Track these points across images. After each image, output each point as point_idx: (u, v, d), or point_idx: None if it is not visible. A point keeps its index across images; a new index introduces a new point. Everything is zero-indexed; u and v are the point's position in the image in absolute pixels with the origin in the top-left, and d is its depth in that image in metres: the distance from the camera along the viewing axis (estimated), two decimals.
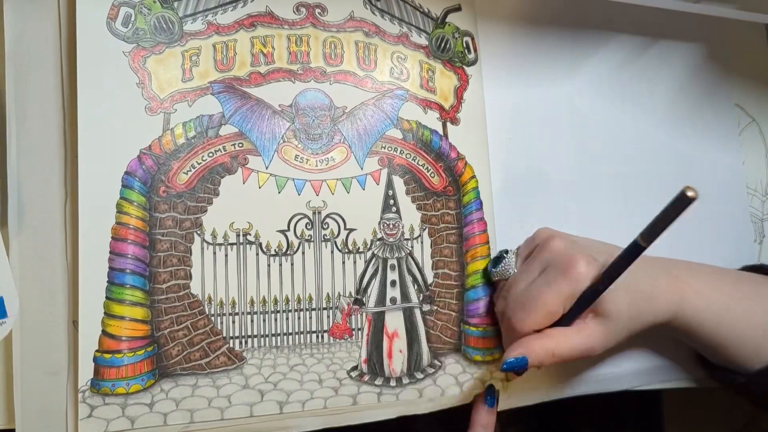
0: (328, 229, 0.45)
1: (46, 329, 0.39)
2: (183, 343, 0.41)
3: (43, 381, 0.38)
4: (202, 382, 0.41)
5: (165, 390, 0.40)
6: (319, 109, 0.45)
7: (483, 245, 0.49)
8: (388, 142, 0.47)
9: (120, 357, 0.39)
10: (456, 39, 0.50)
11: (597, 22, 0.57)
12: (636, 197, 0.56)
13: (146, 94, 0.41)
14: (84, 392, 0.38)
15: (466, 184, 0.49)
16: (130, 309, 0.39)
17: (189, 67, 0.43)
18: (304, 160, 0.45)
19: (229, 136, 0.43)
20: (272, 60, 0.45)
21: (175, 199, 0.41)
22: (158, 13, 0.42)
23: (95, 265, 0.39)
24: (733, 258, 0.58)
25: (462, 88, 0.50)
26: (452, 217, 0.49)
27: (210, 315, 0.42)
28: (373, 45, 0.47)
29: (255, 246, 0.43)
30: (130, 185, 0.40)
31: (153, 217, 0.41)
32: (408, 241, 0.47)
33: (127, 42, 0.41)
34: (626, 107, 0.57)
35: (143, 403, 0.39)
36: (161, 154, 0.41)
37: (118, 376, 0.39)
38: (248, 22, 0.44)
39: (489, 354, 0.48)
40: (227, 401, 0.41)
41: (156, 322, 0.40)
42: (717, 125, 0.61)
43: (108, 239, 0.39)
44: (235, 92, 0.43)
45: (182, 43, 0.43)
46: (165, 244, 0.41)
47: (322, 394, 0.43)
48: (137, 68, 0.41)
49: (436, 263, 0.48)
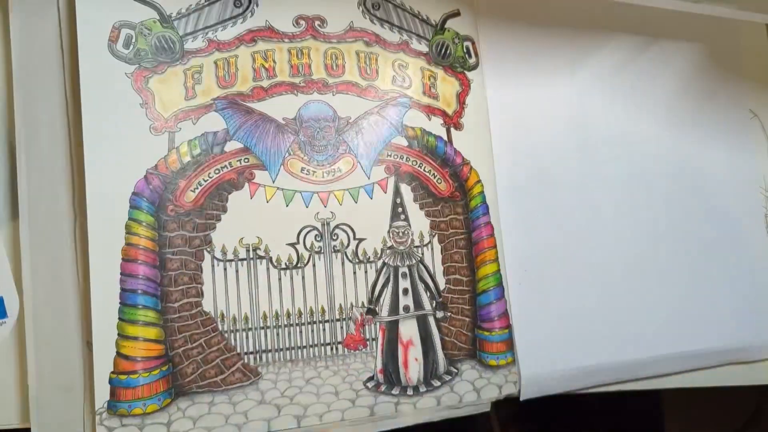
0: (337, 240, 0.45)
1: (60, 347, 0.39)
2: (197, 360, 0.41)
3: (57, 395, 0.38)
4: (218, 399, 0.41)
5: (182, 409, 0.40)
6: (323, 120, 0.46)
7: (491, 249, 0.49)
8: (393, 149, 0.47)
9: (135, 378, 0.39)
10: (456, 44, 0.50)
11: (597, 22, 0.57)
12: (640, 196, 0.56)
13: (150, 114, 0.41)
14: (101, 414, 0.38)
15: (473, 188, 0.49)
16: (144, 329, 0.39)
17: (191, 86, 0.43)
18: (310, 172, 0.45)
19: (235, 152, 0.43)
20: (274, 74, 0.45)
21: (183, 217, 0.41)
22: (159, 33, 0.42)
23: (107, 287, 0.39)
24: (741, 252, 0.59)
25: (464, 93, 0.50)
26: (461, 223, 0.48)
27: (223, 331, 0.41)
28: (374, 54, 0.48)
29: (265, 260, 0.43)
30: (138, 206, 0.40)
31: (162, 236, 0.41)
32: (418, 248, 0.47)
33: (129, 63, 0.41)
34: (627, 107, 0.57)
35: (161, 422, 0.39)
36: (168, 173, 0.41)
37: (135, 397, 0.38)
38: (248, 38, 0.44)
39: (503, 358, 0.48)
40: (244, 417, 0.41)
41: (170, 341, 0.40)
42: (717, 123, 0.61)
43: (119, 261, 0.39)
44: (239, 108, 0.44)
45: (184, 61, 0.43)
46: (175, 263, 0.41)
47: (339, 406, 0.43)
48: (140, 89, 0.41)
49: (447, 269, 0.48)
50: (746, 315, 0.58)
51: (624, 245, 0.55)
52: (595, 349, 0.52)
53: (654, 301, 0.55)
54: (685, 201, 0.58)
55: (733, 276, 0.59)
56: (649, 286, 0.55)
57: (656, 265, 0.56)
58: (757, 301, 0.59)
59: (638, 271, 0.55)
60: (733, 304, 0.58)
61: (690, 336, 0.56)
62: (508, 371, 0.48)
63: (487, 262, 0.49)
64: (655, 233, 0.56)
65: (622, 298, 0.54)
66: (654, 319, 0.55)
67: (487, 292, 0.48)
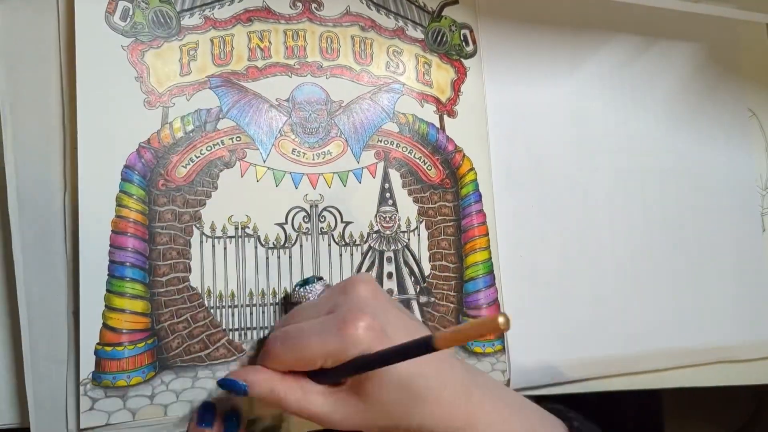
0: (325, 222, 0.45)
1: (52, 319, 0.39)
2: (183, 335, 0.41)
3: (51, 368, 0.39)
4: (202, 373, 0.41)
5: (165, 382, 0.40)
6: (316, 103, 0.46)
7: (482, 237, 0.49)
8: (384, 135, 0.47)
9: (121, 350, 0.39)
10: (453, 32, 0.50)
11: (599, 19, 0.57)
12: (636, 192, 0.56)
13: (145, 88, 0.42)
14: (86, 385, 0.38)
15: (465, 176, 0.49)
16: (131, 302, 0.40)
17: (187, 62, 0.43)
18: (301, 154, 0.45)
19: (227, 130, 0.43)
20: (269, 54, 0.45)
21: (174, 192, 0.42)
22: (156, 7, 0.42)
23: (95, 258, 0.39)
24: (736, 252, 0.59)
25: (459, 80, 0.50)
26: (450, 210, 0.49)
27: (209, 307, 0.42)
28: (369, 39, 0.48)
29: (253, 239, 0.43)
30: (130, 179, 0.40)
31: (152, 210, 0.41)
32: (404, 233, 0.47)
33: (126, 36, 0.41)
34: (626, 103, 0.57)
35: (144, 395, 0.40)
36: (160, 148, 0.42)
37: (119, 369, 0.39)
38: (245, 17, 0.45)
39: (490, 346, 0.48)
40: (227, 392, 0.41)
41: (156, 314, 0.41)
42: (716, 121, 0.61)
43: (108, 232, 0.40)
44: (233, 86, 0.44)
45: (180, 37, 0.43)
46: (164, 238, 0.41)
47: None
48: (135, 62, 0.41)
49: (434, 255, 0.48)
50: (741, 313, 0.59)
51: (619, 240, 0.55)
52: (586, 341, 0.52)
53: (647, 296, 0.55)
54: (682, 198, 0.58)
55: (727, 273, 0.59)
56: (642, 281, 0.55)
57: (651, 260, 0.56)
58: (752, 299, 0.60)
59: (632, 265, 0.55)
60: (727, 302, 0.58)
61: (683, 332, 0.56)
62: (496, 359, 0.48)
63: (477, 250, 0.49)
64: (651, 229, 0.56)
65: (615, 292, 0.54)
66: (647, 314, 0.55)
67: (475, 279, 0.49)
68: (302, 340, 0.36)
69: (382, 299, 0.38)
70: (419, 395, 0.35)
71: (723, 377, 0.57)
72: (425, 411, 0.36)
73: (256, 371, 0.37)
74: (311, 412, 0.36)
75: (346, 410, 0.36)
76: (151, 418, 0.40)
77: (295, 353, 0.36)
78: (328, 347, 0.35)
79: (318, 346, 0.35)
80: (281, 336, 0.37)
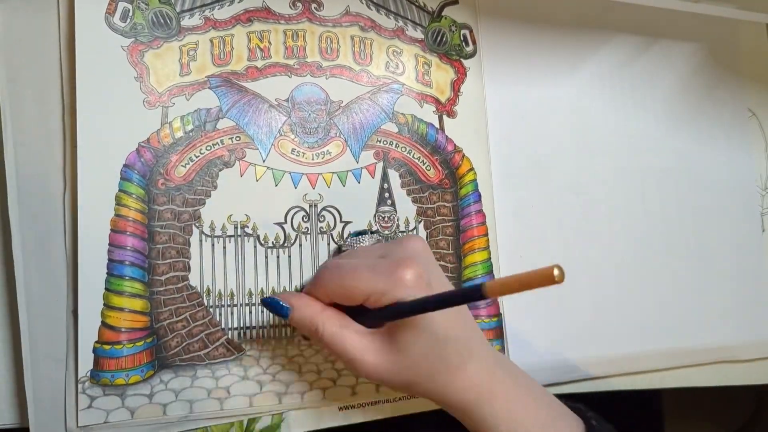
0: (324, 221, 0.45)
1: (51, 317, 0.39)
2: (182, 334, 0.41)
3: (51, 367, 0.39)
4: (201, 373, 0.41)
5: (164, 381, 0.40)
6: (315, 103, 0.46)
7: (481, 237, 0.49)
8: (383, 135, 0.47)
9: (119, 348, 0.39)
10: (453, 32, 0.51)
11: (599, 19, 0.57)
12: (636, 192, 0.56)
13: (144, 88, 0.42)
14: (84, 383, 0.38)
15: (464, 176, 0.49)
16: (130, 300, 0.40)
17: (186, 62, 0.43)
18: (300, 154, 0.45)
19: (227, 130, 0.44)
20: (269, 55, 0.45)
21: (173, 191, 0.42)
22: (156, 8, 0.42)
23: (94, 256, 0.39)
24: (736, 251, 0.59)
25: (459, 80, 0.50)
26: (449, 210, 0.49)
27: (209, 306, 0.42)
28: (369, 39, 0.48)
29: (253, 238, 0.43)
30: (129, 178, 0.41)
31: (152, 209, 0.41)
32: (403, 233, 0.47)
33: (125, 36, 0.42)
34: (626, 103, 0.57)
35: (143, 393, 0.40)
36: (159, 147, 0.42)
37: (118, 367, 0.39)
38: (245, 17, 0.45)
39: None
40: (226, 392, 0.42)
41: (155, 313, 0.41)
42: (716, 121, 0.61)
43: (107, 231, 0.40)
44: (233, 86, 0.44)
45: (180, 37, 0.43)
46: (164, 236, 0.41)
47: (321, 385, 0.44)
48: (135, 62, 0.42)
49: None
50: (741, 313, 0.59)
51: (619, 240, 0.55)
52: (586, 341, 0.52)
53: (647, 296, 0.55)
54: (682, 198, 0.58)
55: (727, 273, 0.59)
56: (642, 281, 0.55)
57: (650, 260, 0.56)
58: (752, 299, 0.59)
59: (632, 266, 0.55)
60: (727, 302, 0.58)
61: (682, 332, 0.56)
62: None
63: (476, 250, 0.49)
64: (651, 229, 0.56)
65: (614, 292, 0.54)
66: (646, 314, 0.55)
67: (474, 279, 0.49)
68: (353, 272, 0.37)
69: (432, 256, 0.40)
70: (448, 358, 0.36)
71: (723, 377, 0.57)
72: (449, 377, 0.36)
73: (301, 297, 0.39)
74: (344, 349, 0.37)
75: (377, 355, 0.36)
76: (149, 417, 0.40)
77: (343, 283, 0.37)
78: (375, 285, 0.35)
79: (366, 281, 0.36)
80: (333, 266, 0.38)
